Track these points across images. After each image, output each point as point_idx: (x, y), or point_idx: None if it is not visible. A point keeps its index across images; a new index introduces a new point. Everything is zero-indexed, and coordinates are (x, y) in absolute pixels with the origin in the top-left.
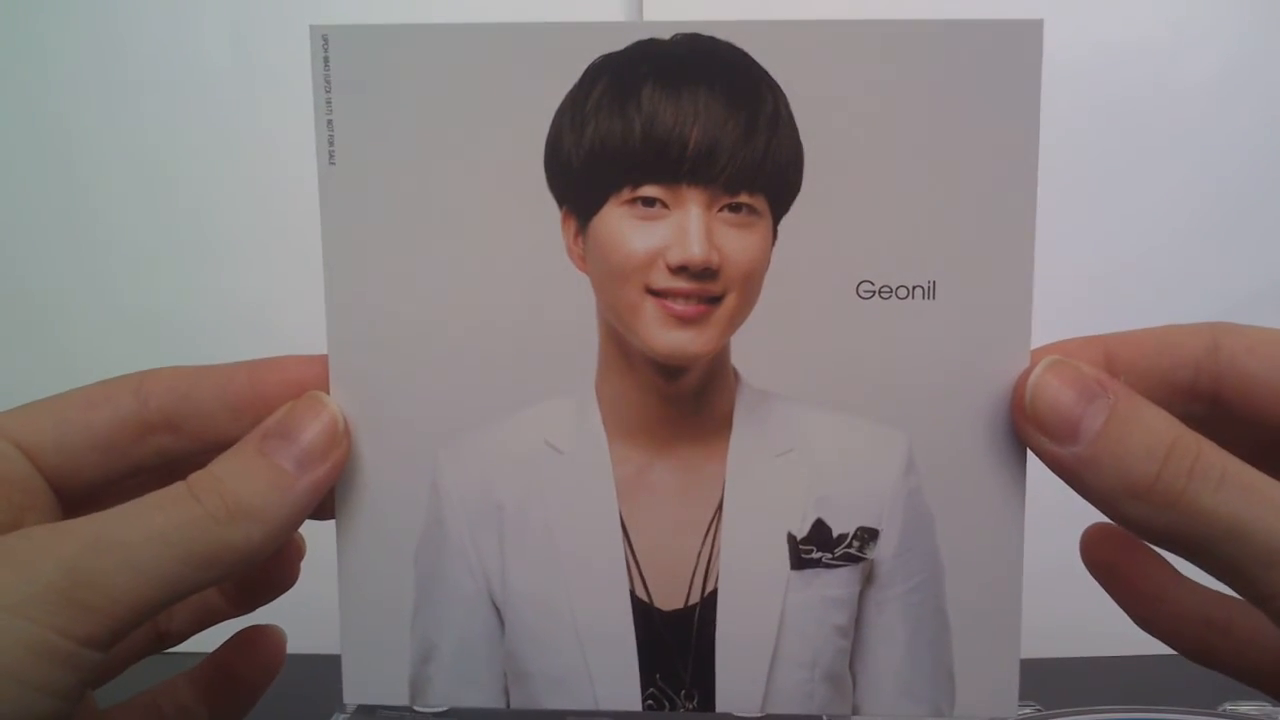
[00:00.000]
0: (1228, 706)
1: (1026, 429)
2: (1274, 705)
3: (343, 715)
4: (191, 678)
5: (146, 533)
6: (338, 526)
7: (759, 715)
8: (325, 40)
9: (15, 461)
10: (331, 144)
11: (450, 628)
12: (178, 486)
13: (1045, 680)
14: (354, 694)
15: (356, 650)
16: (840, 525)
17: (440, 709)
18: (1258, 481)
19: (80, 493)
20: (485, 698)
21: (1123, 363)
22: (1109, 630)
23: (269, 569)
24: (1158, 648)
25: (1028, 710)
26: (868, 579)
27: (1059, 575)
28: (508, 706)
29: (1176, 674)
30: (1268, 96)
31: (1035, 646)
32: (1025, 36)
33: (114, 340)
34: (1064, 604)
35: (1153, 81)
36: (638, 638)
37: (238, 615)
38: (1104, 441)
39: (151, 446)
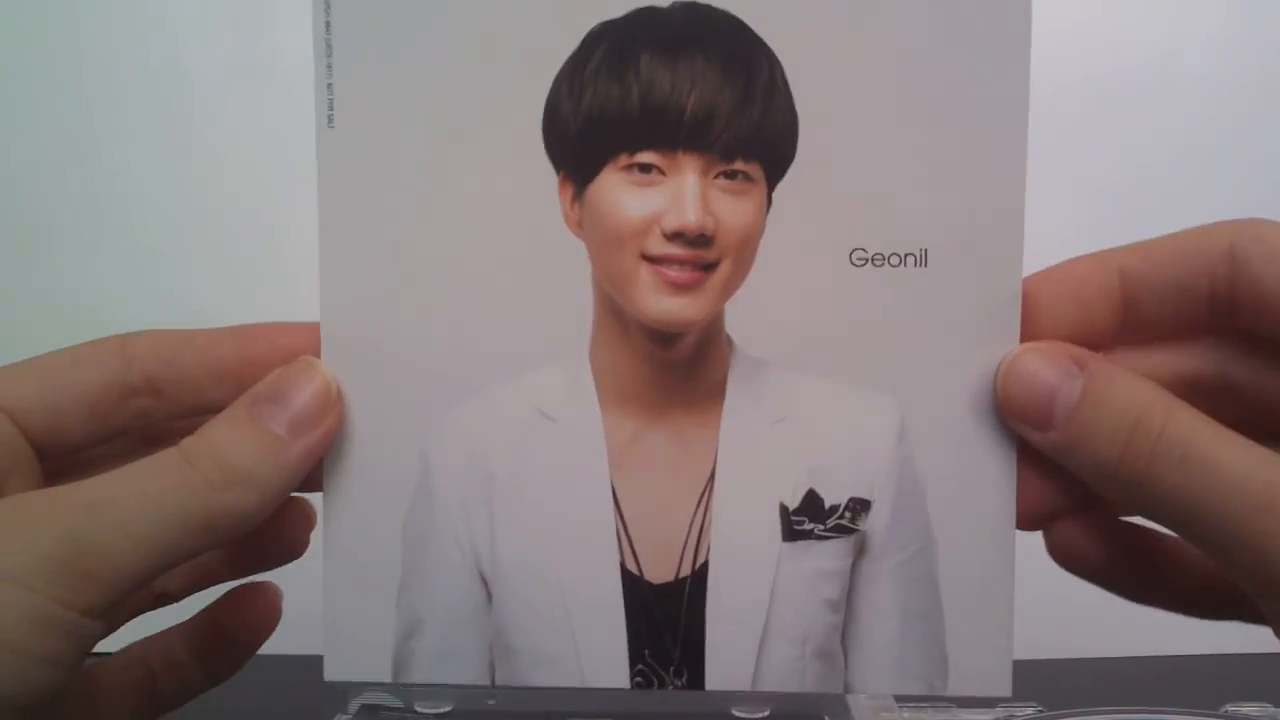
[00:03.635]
0: (1229, 708)
1: (1008, 418)
2: (1276, 707)
3: (345, 716)
4: (184, 632)
5: (142, 499)
6: (324, 497)
7: (748, 692)
8: (327, 1)
9: None
10: (331, 107)
11: (437, 601)
12: (170, 452)
13: (1047, 680)
14: (335, 671)
15: (340, 626)
16: (832, 496)
17: (443, 709)
18: (1224, 456)
19: (63, 455)
20: (470, 673)
21: (1138, 278)
22: (1110, 630)
23: (276, 535)
24: (1159, 648)
25: (1030, 711)
26: (860, 551)
27: (1059, 575)
28: (493, 683)
29: (1178, 674)
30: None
31: (1036, 646)
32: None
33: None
34: (1064, 604)
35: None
36: (627, 612)
37: (236, 579)
38: (1075, 426)
39: (133, 409)
